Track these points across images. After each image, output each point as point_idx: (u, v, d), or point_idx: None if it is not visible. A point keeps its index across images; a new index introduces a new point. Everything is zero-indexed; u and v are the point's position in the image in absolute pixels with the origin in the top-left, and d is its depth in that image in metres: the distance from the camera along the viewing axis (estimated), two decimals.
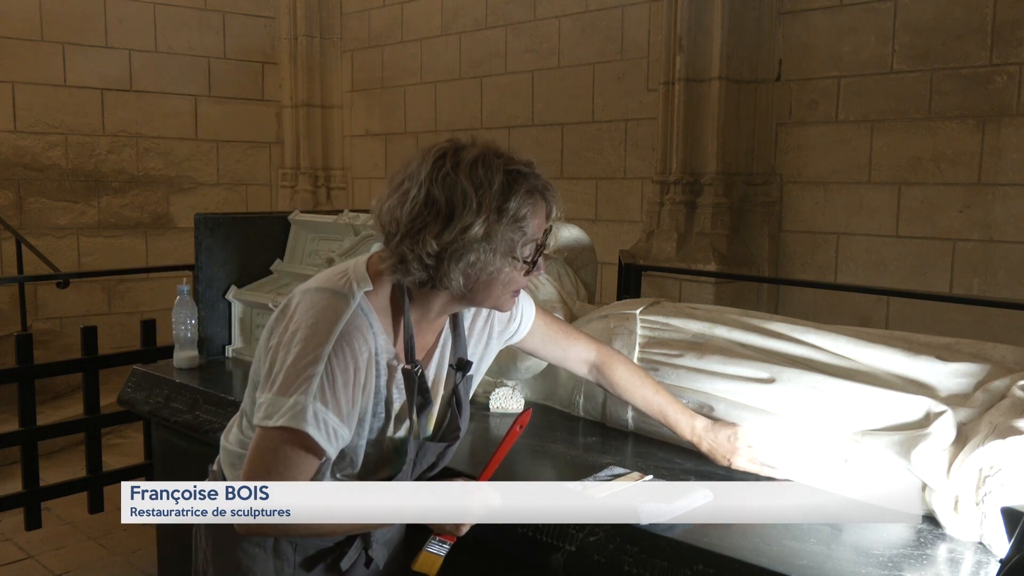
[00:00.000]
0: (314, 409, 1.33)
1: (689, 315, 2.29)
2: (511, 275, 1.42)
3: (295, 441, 1.34)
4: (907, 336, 2.04)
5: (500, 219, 1.35)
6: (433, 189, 1.34)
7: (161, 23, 6.52)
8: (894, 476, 1.73)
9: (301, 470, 1.36)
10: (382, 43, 6.64)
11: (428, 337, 1.53)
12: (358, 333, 1.38)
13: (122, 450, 4.67)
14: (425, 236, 1.34)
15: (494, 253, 1.36)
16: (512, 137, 5.72)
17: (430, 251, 1.34)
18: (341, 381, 1.36)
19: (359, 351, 1.38)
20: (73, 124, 6.20)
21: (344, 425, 1.38)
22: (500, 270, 1.39)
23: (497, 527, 1.77)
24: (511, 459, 2.07)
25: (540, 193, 1.40)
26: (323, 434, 1.35)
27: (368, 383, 1.41)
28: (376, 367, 1.42)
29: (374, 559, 1.58)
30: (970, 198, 3.84)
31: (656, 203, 4.63)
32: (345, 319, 1.37)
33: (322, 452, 1.37)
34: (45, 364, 3.73)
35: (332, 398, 1.35)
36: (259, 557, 1.49)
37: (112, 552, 3.72)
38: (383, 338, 1.42)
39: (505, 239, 1.36)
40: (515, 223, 1.36)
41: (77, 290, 6.04)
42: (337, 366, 1.35)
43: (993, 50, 3.73)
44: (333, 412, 1.35)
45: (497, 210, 1.34)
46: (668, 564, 1.52)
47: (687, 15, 4.35)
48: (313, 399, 1.33)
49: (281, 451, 1.35)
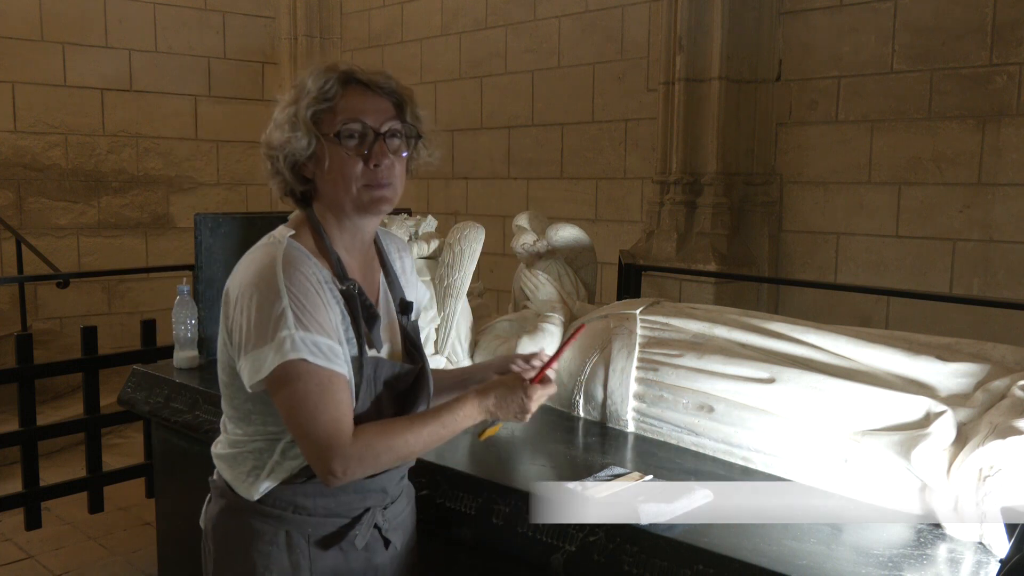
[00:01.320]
0: (300, 337, 1.36)
1: (689, 315, 2.29)
2: (344, 162, 1.45)
3: (308, 376, 1.37)
4: (907, 336, 2.04)
5: (301, 98, 1.44)
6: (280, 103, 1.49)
7: (161, 23, 6.52)
8: (894, 476, 1.74)
9: (338, 399, 1.39)
10: (382, 43, 6.64)
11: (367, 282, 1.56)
12: (300, 261, 1.43)
13: (122, 450, 4.67)
14: (264, 140, 1.49)
15: (295, 130, 1.44)
16: (512, 137, 5.72)
17: (269, 152, 1.48)
18: (309, 304, 1.39)
19: (308, 273, 1.42)
20: (73, 124, 6.20)
21: (334, 341, 1.41)
22: (318, 152, 1.45)
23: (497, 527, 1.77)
24: (512, 458, 2.07)
25: (351, 79, 1.47)
26: (321, 356, 1.38)
27: (330, 308, 1.44)
28: (332, 294, 1.45)
29: (392, 541, 1.57)
30: (970, 198, 3.84)
31: (656, 203, 4.63)
32: (281, 256, 1.42)
33: (336, 375, 1.39)
34: (45, 364, 3.73)
35: (310, 321, 1.38)
36: (273, 554, 1.47)
37: (112, 552, 3.72)
38: (323, 270, 1.47)
39: (304, 114, 1.43)
40: (319, 100, 1.44)
41: (77, 290, 6.04)
42: (297, 292, 1.39)
43: (993, 50, 3.73)
44: (318, 333, 1.38)
45: (299, 92, 1.45)
46: (668, 564, 1.52)
47: (687, 15, 4.35)
48: (293, 329, 1.36)
49: (307, 394, 1.37)
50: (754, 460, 1.94)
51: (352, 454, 1.38)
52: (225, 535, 1.52)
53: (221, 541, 1.53)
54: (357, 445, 1.39)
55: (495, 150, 5.85)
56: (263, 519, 1.48)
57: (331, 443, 1.37)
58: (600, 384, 2.26)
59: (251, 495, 1.48)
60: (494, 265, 5.59)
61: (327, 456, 1.38)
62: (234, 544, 1.50)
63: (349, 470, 1.39)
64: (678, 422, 2.09)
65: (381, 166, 1.46)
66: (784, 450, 1.90)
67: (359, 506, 1.52)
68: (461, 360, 2.47)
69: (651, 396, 2.15)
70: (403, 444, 1.43)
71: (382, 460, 1.43)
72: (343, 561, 1.51)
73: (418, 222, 2.60)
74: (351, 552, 1.51)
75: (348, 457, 1.38)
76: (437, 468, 1.94)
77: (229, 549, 1.51)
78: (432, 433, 1.45)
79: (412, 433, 1.44)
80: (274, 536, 1.48)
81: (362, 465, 1.41)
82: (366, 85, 1.48)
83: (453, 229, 2.48)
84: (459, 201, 6.11)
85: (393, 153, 1.48)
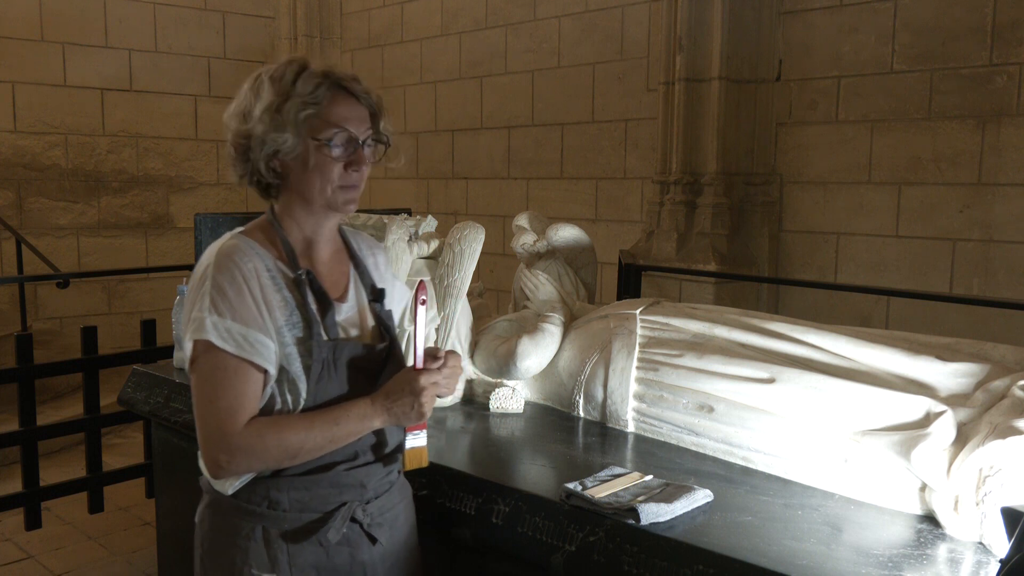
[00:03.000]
0: (212, 320, 1.41)
1: (689, 315, 2.29)
2: (325, 164, 1.50)
3: (213, 359, 1.42)
4: (907, 336, 2.04)
5: (287, 99, 1.47)
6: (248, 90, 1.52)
7: (161, 23, 6.52)
8: (894, 476, 1.74)
9: (239, 390, 1.42)
10: (382, 43, 6.64)
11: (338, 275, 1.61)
12: (238, 252, 1.47)
13: (122, 450, 4.67)
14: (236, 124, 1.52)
15: (293, 133, 1.47)
16: (512, 137, 5.72)
17: (241, 133, 1.51)
18: (232, 292, 1.43)
19: (241, 262, 1.46)
20: (73, 124, 6.20)
21: (257, 331, 1.43)
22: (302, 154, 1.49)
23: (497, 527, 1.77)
24: (512, 458, 2.07)
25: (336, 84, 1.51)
26: (231, 343, 1.41)
27: (268, 296, 1.46)
28: (272, 280, 1.48)
29: (379, 538, 1.56)
30: (970, 198, 3.84)
31: (656, 203, 4.63)
32: (218, 248, 1.49)
33: (247, 366, 1.42)
34: (45, 364, 3.73)
35: (228, 308, 1.42)
36: (252, 549, 1.49)
37: (112, 552, 3.72)
38: (269, 258, 1.51)
39: (294, 116, 1.47)
40: (305, 103, 1.47)
41: (77, 290, 6.04)
42: (222, 279, 1.44)
43: (993, 50, 3.73)
44: (233, 320, 1.42)
45: (284, 92, 1.47)
46: (668, 564, 1.52)
47: (687, 15, 4.35)
48: (208, 312, 1.42)
49: (209, 377, 1.42)
50: (754, 460, 1.94)
51: (238, 445, 1.41)
52: (209, 530, 1.55)
53: (206, 536, 1.56)
54: (246, 436, 1.42)
55: (495, 150, 5.85)
56: (241, 514, 1.50)
57: (220, 431, 1.41)
58: (600, 384, 2.26)
59: (225, 489, 1.51)
60: (494, 265, 5.59)
61: (213, 444, 1.42)
62: (217, 539, 1.53)
63: (234, 461, 1.42)
64: (678, 422, 2.09)
65: (359, 172, 1.53)
66: (784, 450, 1.90)
67: (334, 500, 1.52)
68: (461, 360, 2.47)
69: (651, 396, 2.15)
70: (295, 440, 1.44)
71: (272, 454, 1.44)
72: (324, 556, 1.51)
73: (418, 222, 2.60)
74: (331, 547, 1.51)
75: (234, 448, 1.41)
76: (437, 468, 1.94)
77: (213, 544, 1.54)
78: (325, 431, 1.46)
79: (305, 430, 1.45)
80: (252, 531, 1.49)
81: (248, 457, 1.43)
82: (351, 94, 1.53)
83: (453, 229, 2.48)
84: (459, 201, 6.11)
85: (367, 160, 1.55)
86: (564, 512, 1.70)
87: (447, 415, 2.36)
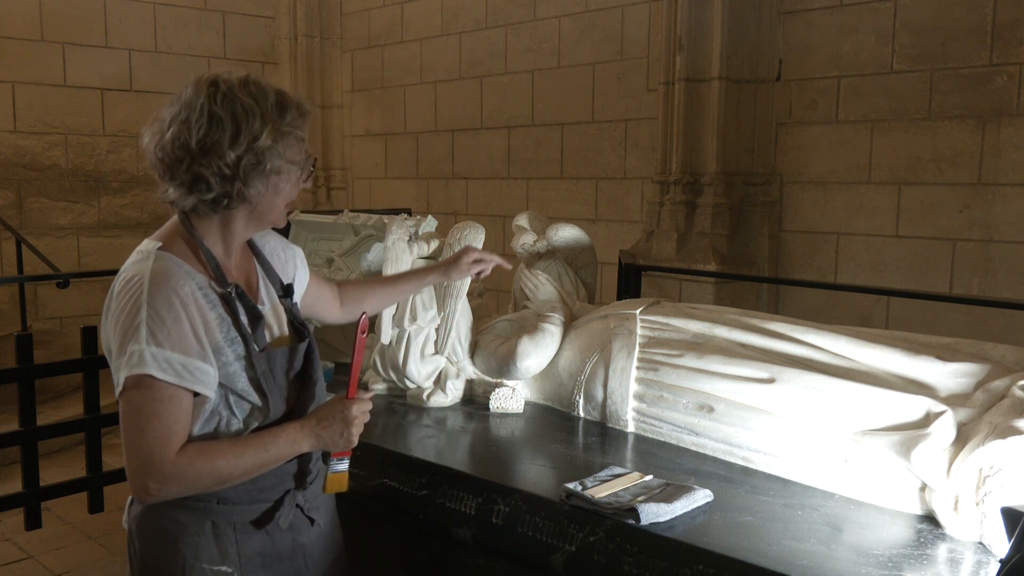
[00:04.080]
0: (151, 352, 1.38)
1: (689, 315, 2.29)
2: (292, 187, 1.55)
3: (148, 390, 1.38)
4: (907, 336, 2.04)
5: (281, 130, 1.48)
6: (215, 109, 1.45)
7: (161, 23, 6.51)
8: (894, 476, 1.74)
9: (173, 418, 1.40)
10: (382, 43, 6.64)
11: (248, 275, 1.61)
12: (170, 274, 1.44)
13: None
14: (220, 150, 1.44)
15: (282, 159, 1.49)
16: (512, 137, 5.72)
17: (228, 162, 1.44)
18: (170, 320, 1.40)
19: (178, 287, 1.43)
20: (73, 124, 6.20)
21: (196, 359, 1.42)
22: (287, 179, 1.52)
23: (497, 527, 1.77)
24: (512, 458, 2.07)
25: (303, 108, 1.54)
26: (171, 373, 1.39)
27: (206, 316, 1.45)
28: (206, 299, 1.47)
29: (316, 520, 1.63)
30: (970, 198, 3.84)
31: (656, 203, 4.63)
32: (149, 271, 1.43)
33: (182, 392, 1.41)
34: (45, 364, 3.72)
35: (166, 338, 1.39)
36: (202, 544, 1.50)
37: (112, 552, 3.71)
38: (198, 276, 1.48)
39: (290, 148, 1.50)
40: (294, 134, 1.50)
41: (77, 290, 6.03)
42: (160, 307, 1.40)
43: (993, 50, 3.73)
44: (173, 350, 1.39)
45: (278, 120, 1.48)
46: (668, 564, 1.52)
47: (687, 15, 4.35)
48: (146, 344, 1.38)
49: (142, 406, 1.39)
50: (754, 460, 1.94)
51: (170, 473, 1.41)
52: (152, 532, 1.54)
53: (148, 538, 1.55)
54: (178, 464, 1.41)
55: (495, 150, 5.85)
56: (188, 512, 1.51)
57: (152, 459, 1.40)
58: (600, 384, 2.26)
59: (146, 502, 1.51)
60: None
61: (144, 472, 1.41)
62: (162, 539, 1.52)
63: (164, 488, 1.43)
64: (678, 422, 2.09)
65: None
66: (784, 450, 1.90)
67: (280, 488, 1.56)
68: (461, 360, 2.47)
69: (651, 396, 2.15)
70: (225, 466, 1.45)
71: (203, 481, 1.45)
72: (269, 543, 1.56)
73: (418, 222, 2.60)
74: (276, 533, 1.56)
75: (165, 476, 1.41)
76: (437, 468, 1.94)
77: (158, 544, 1.53)
78: (254, 457, 1.48)
79: (235, 455, 1.46)
80: (200, 527, 1.51)
81: (179, 484, 1.43)
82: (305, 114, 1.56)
83: (453, 229, 2.49)
84: (459, 201, 6.11)
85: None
86: (564, 512, 1.70)
87: (447, 415, 2.36)
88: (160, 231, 1.55)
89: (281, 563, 1.58)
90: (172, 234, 1.53)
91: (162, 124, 1.49)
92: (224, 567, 1.51)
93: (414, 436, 2.18)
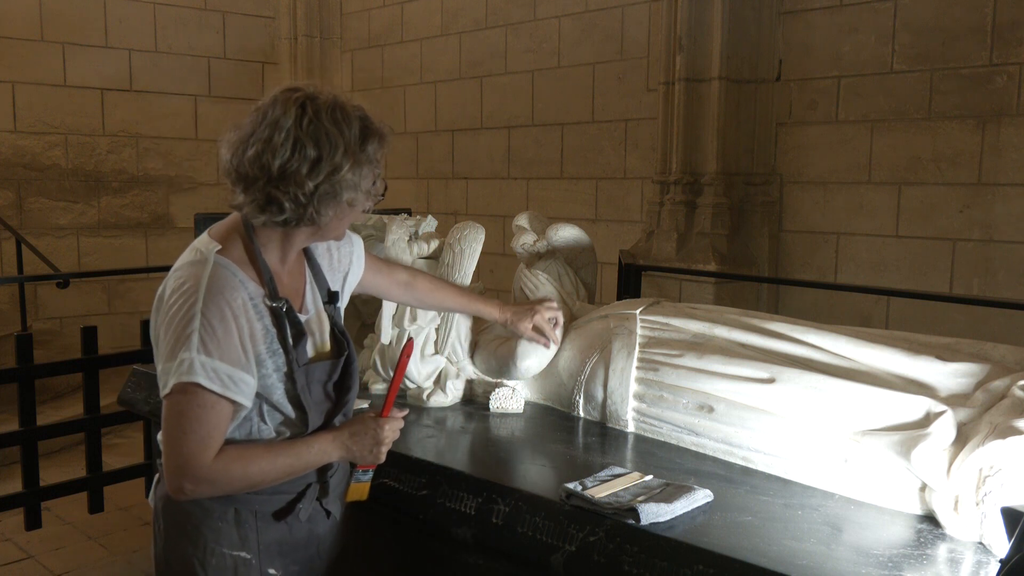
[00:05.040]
0: (200, 361, 1.41)
1: (689, 315, 2.29)
2: (359, 210, 1.58)
3: (193, 396, 1.42)
4: (907, 336, 2.04)
5: (361, 162, 1.50)
6: (300, 135, 1.45)
7: (161, 23, 6.51)
8: (894, 476, 1.74)
9: (213, 424, 1.44)
10: (382, 43, 6.64)
11: (297, 280, 1.63)
12: (225, 284, 1.46)
13: (122, 450, 4.67)
14: (299, 178, 1.45)
15: (357, 190, 1.52)
16: (512, 137, 5.72)
17: (306, 192, 1.46)
18: (221, 330, 1.43)
19: (231, 298, 1.46)
20: (73, 124, 6.20)
21: (240, 370, 1.46)
22: (358, 205, 1.55)
23: (497, 527, 1.77)
24: (512, 458, 2.07)
25: (384, 138, 1.56)
26: (217, 382, 1.43)
27: (253, 327, 1.49)
28: (256, 310, 1.50)
29: (332, 512, 1.67)
30: (970, 198, 3.84)
31: (656, 203, 4.63)
32: (207, 277, 1.46)
33: (225, 401, 1.45)
34: (45, 364, 3.73)
35: (216, 348, 1.42)
36: (223, 529, 1.55)
37: (112, 552, 3.72)
38: (252, 285, 1.51)
39: (366, 178, 1.52)
40: (372, 164, 1.53)
41: (77, 290, 6.04)
42: (212, 317, 1.43)
43: (993, 50, 3.73)
44: (221, 360, 1.43)
45: (359, 153, 1.49)
46: (668, 564, 1.52)
47: (687, 15, 4.34)
48: (197, 352, 1.41)
49: (186, 410, 1.43)
50: (754, 460, 1.94)
51: (205, 477, 1.45)
52: (176, 513, 1.58)
53: (172, 518, 1.59)
54: (214, 468, 1.46)
55: (495, 150, 5.85)
56: (213, 498, 1.54)
57: (190, 462, 1.44)
58: (600, 384, 2.26)
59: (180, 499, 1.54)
60: (494, 265, 5.59)
61: (181, 473, 1.45)
62: (185, 521, 1.57)
63: (198, 489, 1.47)
64: (678, 422, 2.09)
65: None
66: (784, 450, 1.90)
67: (302, 482, 1.61)
68: (461, 360, 2.47)
69: (651, 396, 2.15)
70: (258, 472, 1.51)
71: (235, 485, 1.51)
72: (287, 532, 1.61)
73: (418, 222, 2.60)
74: (295, 524, 1.61)
75: (201, 479, 1.45)
76: (437, 468, 1.94)
77: (180, 525, 1.58)
78: (286, 464, 1.53)
79: (268, 462, 1.51)
80: (224, 513, 1.55)
81: (213, 487, 1.49)
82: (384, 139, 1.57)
83: (453, 229, 2.48)
84: (459, 201, 6.11)
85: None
86: (564, 512, 1.70)
87: (447, 415, 2.36)
88: (219, 228, 1.56)
89: (297, 552, 1.62)
90: (231, 235, 1.54)
91: (243, 138, 1.49)
92: (243, 553, 1.56)
93: (414, 436, 2.18)
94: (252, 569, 1.57)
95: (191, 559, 1.55)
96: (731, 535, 1.57)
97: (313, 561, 1.66)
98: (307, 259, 1.68)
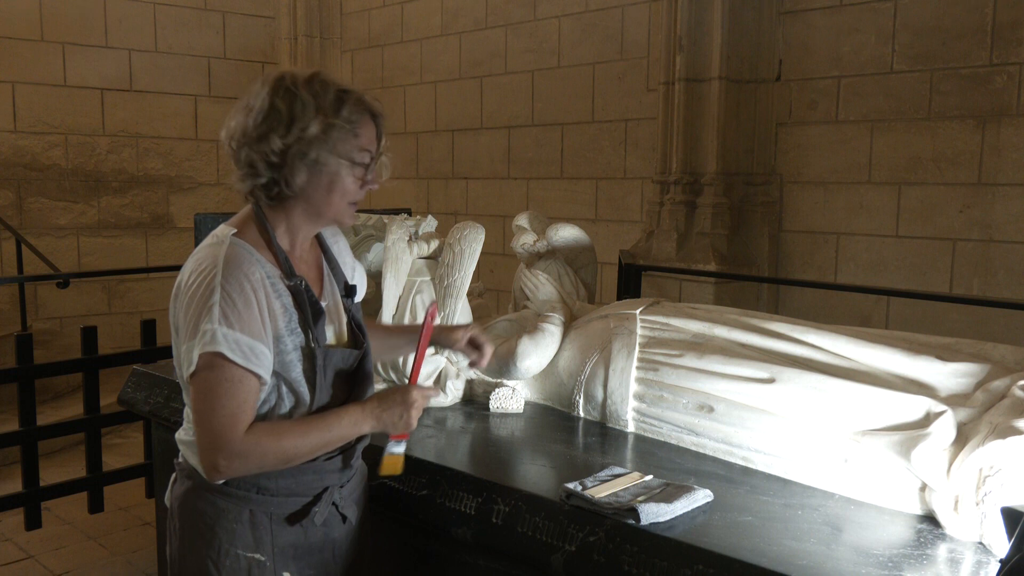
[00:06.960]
0: (223, 332, 1.43)
1: (689, 315, 2.29)
2: (348, 182, 1.56)
3: (221, 371, 1.44)
4: (907, 336, 2.04)
5: (335, 122, 1.50)
6: (275, 100, 1.50)
7: (161, 23, 6.51)
8: (894, 476, 1.74)
9: (241, 398, 1.46)
10: (382, 43, 6.64)
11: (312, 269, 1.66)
12: (243, 260, 1.49)
13: (122, 450, 4.67)
14: (270, 137, 1.49)
15: (331, 152, 1.51)
16: (512, 137, 5.72)
17: (275, 149, 1.49)
18: (241, 302, 1.45)
19: (249, 272, 1.48)
20: (73, 124, 6.20)
21: (259, 343, 1.47)
22: (338, 173, 1.53)
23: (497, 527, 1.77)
24: (512, 458, 2.07)
25: (368, 110, 1.56)
26: (239, 354, 1.44)
27: (272, 304, 1.50)
28: (274, 288, 1.52)
29: (348, 517, 1.67)
30: (970, 198, 3.84)
31: (656, 203, 4.63)
32: (223, 254, 1.49)
33: (250, 375, 1.46)
34: (45, 364, 3.73)
35: (237, 319, 1.44)
36: (238, 531, 1.55)
37: (112, 552, 3.72)
38: (268, 265, 1.53)
39: (340, 140, 1.51)
40: (348, 126, 1.52)
41: (77, 290, 6.04)
42: (232, 290, 1.45)
43: (993, 50, 3.73)
44: (242, 332, 1.45)
45: (332, 114, 1.50)
46: (668, 564, 1.52)
47: (687, 15, 4.34)
48: (218, 324, 1.43)
49: (214, 386, 1.45)
50: (754, 460, 1.95)
51: (238, 451, 1.46)
52: (192, 513, 1.58)
53: (187, 518, 1.60)
54: (246, 443, 1.46)
55: (495, 150, 5.85)
56: (228, 499, 1.55)
57: (221, 437, 1.45)
58: (600, 384, 2.26)
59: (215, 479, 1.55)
60: (494, 265, 5.59)
61: (214, 449, 1.46)
62: (200, 521, 1.57)
63: (232, 466, 1.48)
64: (678, 422, 2.09)
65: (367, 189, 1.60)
66: (784, 450, 1.90)
67: (318, 485, 1.61)
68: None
69: (651, 396, 2.15)
70: (291, 446, 1.51)
71: (268, 460, 1.50)
72: (302, 536, 1.60)
73: (418, 222, 2.60)
74: (310, 528, 1.61)
75: (234, 454, 1.46)
76: (437, 468, 1.94)
77: (196, 526, 1.58)
78: (319, 437, 1.54)
79: (300, 435, 1.52)
80: (239, 514, 1.55)
81: (246, 463, 1.49)
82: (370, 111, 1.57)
83: (453, 229, 2.48)
84: (459, 201, 6.11)
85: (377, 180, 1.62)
86: (564, 512, 1.70)
87: (447, 415, 2.36)
88: (235, 218, 1.61)
89: (311, 555, 1.62)
90: (246, 221, 1.58)
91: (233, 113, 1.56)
92: (258, 555, 1.56)
93: (414, 436, 2.18)
94: (266, 571, 1.57)
95: (205, 559, 1.56)
96: (731, 535, 1.57)
97: (328, 565, 1.65)
98: (323, 252, 1.70)
